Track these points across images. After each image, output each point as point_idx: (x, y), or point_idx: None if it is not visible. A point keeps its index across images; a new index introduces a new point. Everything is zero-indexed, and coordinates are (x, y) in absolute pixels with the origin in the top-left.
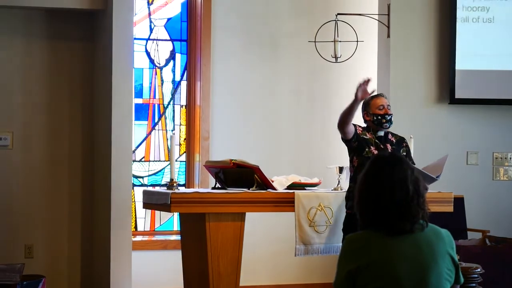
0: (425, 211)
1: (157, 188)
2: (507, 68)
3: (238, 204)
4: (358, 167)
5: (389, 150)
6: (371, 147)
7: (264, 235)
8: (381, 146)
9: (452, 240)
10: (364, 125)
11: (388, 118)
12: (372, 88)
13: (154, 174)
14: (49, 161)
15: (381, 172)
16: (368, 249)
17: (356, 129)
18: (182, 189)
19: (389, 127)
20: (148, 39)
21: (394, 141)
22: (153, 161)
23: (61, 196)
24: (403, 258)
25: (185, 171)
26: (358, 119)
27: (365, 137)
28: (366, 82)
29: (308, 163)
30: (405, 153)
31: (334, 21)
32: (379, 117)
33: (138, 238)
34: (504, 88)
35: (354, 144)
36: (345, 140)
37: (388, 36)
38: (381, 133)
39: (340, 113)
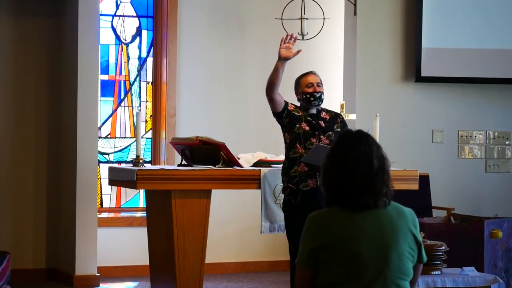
0: (389, 188)
1: (123, 165)
2: (473, 46)
3: (204, 181)
4: (290, 143)
5: (322, 125)
6: (302, 123)
7: (230, 213)
8: (313, 122)
9: (415, 218)
10: (297, 103)
11: (317, 95)
12: (298, 48)
13: (120, 150)
14: (14, 137)
15: (346, 147)
16: (331, 227)
17: (287, 105)
18: (148, 166)
19: (318, 104)
20: (114, 15)
21: (328, 118)
22: (119, 137)
23: (26, 173)
24: (365, 236)
25: (151, 148)
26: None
27: (296, 114)
28: (290, 38)
29: (274, 140)
30: (339, 129)
31: None
32: (308, 95)
33: (104, 214)
34: (469, 66)
35: (285, 121)
36: (275, 114)
37: (355, 14)
38: (313, 111)
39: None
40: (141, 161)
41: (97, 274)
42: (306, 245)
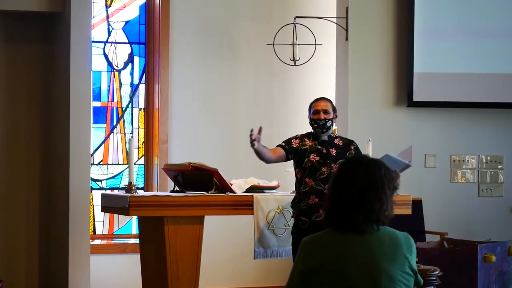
0: (380, 215)
1: (116, 192)
2: (465, 71)
3: (197, 207)
4: (301, 179)
5: (333, 154)
6: (312, 154)
7: (223, 239)
8: (324, 151)
9: (410, 243)
10: (307, 130)
11: (320, 123)
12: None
13: (113, 177)
14: (6, 164)
15: (350, 166)
16: (321, 250)
17: (291, 147)
18: (140, 193)
19: (322, 132)
20: (106, 42)
21: (341, 144)
22: (111, 164)
23: (18, 200)
24: (355, 260)
25: (144, 174)
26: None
27: (303, 147)
28: (258, 131)
29: (267, 166)
30: None
31: (293, 24)
32: (312, 122)
33: (97, 241)
34: (461, 91)
35: (292, 158)
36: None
37: (347, 39)
38: (325, 138)
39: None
40: (133, 187)
41: None
42: (297, 269)
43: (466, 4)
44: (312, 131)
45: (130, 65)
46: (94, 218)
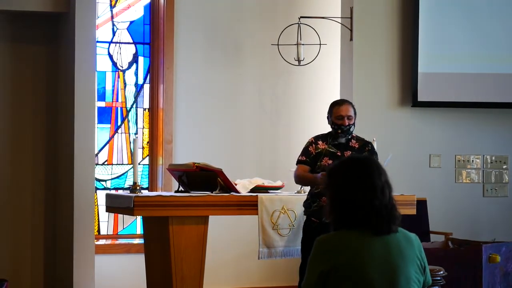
0: (395, 216)
1: (120, 192)
2: (469, 71)
3: (201, 207)
4: None
5: None
6: (324, 158)
7: (227, 238)
8: (338, 153)
9: (420, 244)
10: (322, 131)
11: (345, 129)
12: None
13: (117, 177)
14: (11, 164)
15: (358, 172)
16: (340, 250)
17: (309, 156)
18: (145, 193)
19: (345, 137)
20: (111, 42)
21: (357, 146)
22: (116, 164)
23: (24, 200)
24: (374, 260)
25: (148, 174)
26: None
27: (317, 150)
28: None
29: (272, 166)
30: None
31: (297, 24)
32: (335, 127)
33: (101, 241)
34: (466, 91)
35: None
36: None
37: (351, 39)
38: (342, 140)
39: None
40: (138, 187)
41: None
42: (315, 268)
43: (471, 4)
44: (331, 131)
45: (134, 65)
46: (98, 218)
